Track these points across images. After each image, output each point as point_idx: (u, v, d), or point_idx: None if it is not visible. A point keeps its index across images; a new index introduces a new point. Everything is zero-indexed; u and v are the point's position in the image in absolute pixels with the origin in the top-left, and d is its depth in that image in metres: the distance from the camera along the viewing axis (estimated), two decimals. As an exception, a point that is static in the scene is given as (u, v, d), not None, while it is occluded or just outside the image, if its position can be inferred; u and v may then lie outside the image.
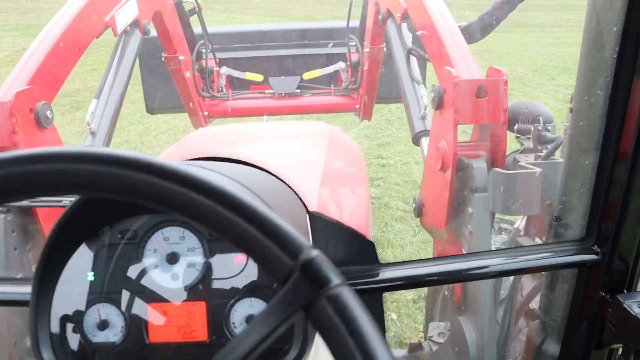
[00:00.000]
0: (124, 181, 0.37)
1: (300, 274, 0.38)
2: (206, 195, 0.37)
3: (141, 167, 0.37)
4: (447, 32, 1.45)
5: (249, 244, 0.38)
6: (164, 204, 0.38)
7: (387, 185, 4.84)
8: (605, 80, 0.92)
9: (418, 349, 2.03)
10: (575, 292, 1.10)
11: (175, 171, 0.37)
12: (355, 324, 0.36)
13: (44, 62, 1.51)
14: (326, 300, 0.37)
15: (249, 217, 0.37)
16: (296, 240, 0.38)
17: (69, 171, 0.36)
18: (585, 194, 1.04)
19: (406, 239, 3.92)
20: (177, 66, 2.82)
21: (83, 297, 0.76)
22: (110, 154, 0.37)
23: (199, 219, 0.38)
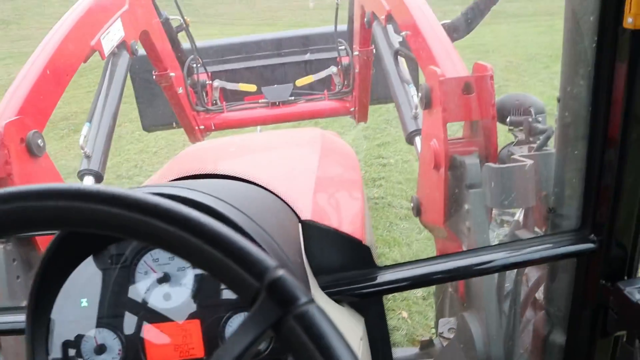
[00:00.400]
0: (89, 215, 0.37)
1: (267, 294, 0.38)
2: (170, 223, 0.37)
3: (104, 199, 0.37)
4: (430, 31, 1.46)
5: (215, 268, 0.38)
6: (131, 235, 0.38)
7: (390, 184, 4.83)
8: (587, 69, 0.92)
9: (429, 345, 2.03)
10: (576, 282, 1.10)
11: (137, 201, 0.37)
12: (325, 341, 0.36)
13: (32, 91, 1.51)
14: (294, 319, 0.37)
15: (213, 241, 0.38)
16: (261, 261, 0.38)
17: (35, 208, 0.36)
18: (578, 183, 1.04)
19: (412, 236, 3.91)
20: (168, 83, 2.83)
21: (78, 324, 0.76)
22: (73, 188, 0.37)
23: (166, 247, 0.38)
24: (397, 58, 1.88)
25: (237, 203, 0.74)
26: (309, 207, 1.02)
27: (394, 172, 5.10)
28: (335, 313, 0.92)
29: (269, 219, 0.77)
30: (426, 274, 1.01)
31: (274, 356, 0.75)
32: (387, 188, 4.75)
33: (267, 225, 0.74)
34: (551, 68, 8.38)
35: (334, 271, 0.97)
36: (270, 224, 0.75)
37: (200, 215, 0.38)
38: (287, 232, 0.81)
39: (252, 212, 0.74)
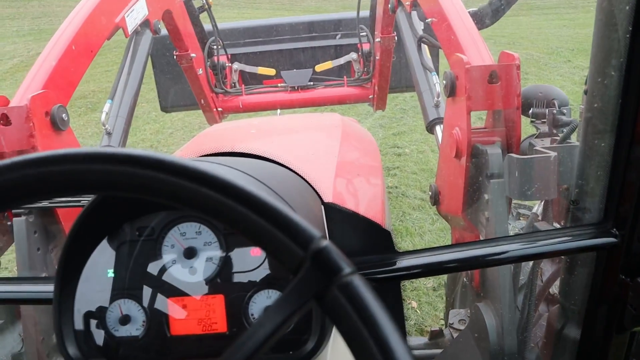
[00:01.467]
0: (136, 179, 0.37)
1: (311, 263, 0.38)
2: (216, 190, 0.38)
3: (152, 164, 0.38)
4: (457, 18, 1.44)
5: (260, 236, 0.38)
6: (175, 200, 0.39)
7: (404, 174, 4.82)
8: (619, 60, 0.90)
9: (439, 336, 2.04)
10: (594, 276, 1.09)
11: (185, 167, 0.38)
12: (367, 312, 0.36)
13: (57, 66, 1.53)
14: (338, 289, 0.37)
15: (259, 209, 0.38)
16: (306, 231, 0.39)
17: (83, 171, 0.37)
18: (603, 176, 1.03)
19: (424, 227, 3.91)
20: (189, 64, 2.84)
21: (105, 294, 0.78)
22: (122, 153, 0.38)
23: (210, 213, 0.39)
24: (420, 45, 1.87)
25: (265, 181, 0.74)
26: (330, 190, 1.02)
27: (409, 162, 5.08)
28: None
29: (295, 198, 0.78)
30: (444, 262, 1.00)
31: (296, 334, 0.75)
32: (401, 178, 4.74)
33: (294, 204, 0.74)
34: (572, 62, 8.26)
35: (354, 254, 0.97)
36: (297, 203, 0.76)
37: (245, 183, 0.39)
38: (312, 212, 0.82)
39: (281, 191, 0.74)
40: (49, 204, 1.24)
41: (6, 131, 1.35)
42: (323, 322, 0.73)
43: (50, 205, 1.34)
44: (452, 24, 1.43)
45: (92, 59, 1.72)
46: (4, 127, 1.35)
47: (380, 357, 0.34)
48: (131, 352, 0.77)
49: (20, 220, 1.38)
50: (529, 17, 11.33)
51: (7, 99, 1.42)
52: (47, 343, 1.43)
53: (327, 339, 0.74)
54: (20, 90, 1.47)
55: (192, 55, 2.81)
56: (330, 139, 1.40)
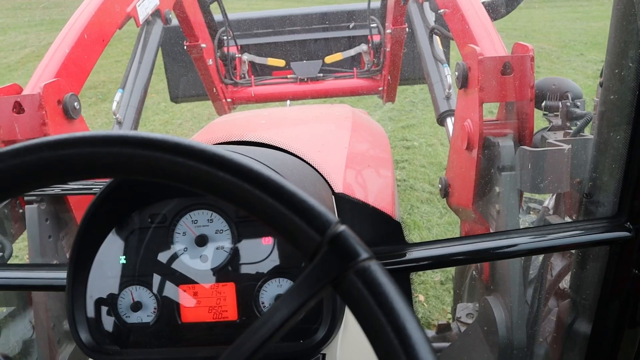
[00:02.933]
0: (152, 162, 0.37)
1: (329, 248, 0.38)
2: (233, 174, 0.38)
3: (169, 148, 0.37)
4: (471, 9, 1.42)
5: (277, 221, 0.38)
6: (191, 184, 0.39)
7: (413, 167, 4.80)
8: (637, 52, 0.89)
9: (446, 329, 2.03)
10: (606, 270, 1.08)
11: (202, 151, 0.38)
12: (385, 297, 0.36)
13: (69, 55, 1.53)
14: (355, 274, 0.37)
15: (276, 194, 0.38)
16: (323, 215, 0.39)
17: (100, 154, 0.37)
18: (617, 169, 1.02)
19: (433, 220, 3.89)
20: (199, 54, 2.84)
21: (116, 280, 0.78)
22: (138, 136, 0.38)
23: (227, 197, 0.39)
24: (432, 37, 1.85)
25: (276, 168, 0.74)
26: (340, 180, 1.02)
27: (418, 155, 5.06)
28: None
29: (307, 187, 0.77)
30: (454, 253, 1.00)
31: (307, 324, 0.75)
32: (410, 171, 4.72)
33: (307, 193, 0.74)
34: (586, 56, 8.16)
35: None
36: (309, 192, 0.76)
37: (263, 168, 0.38)
38: (323, 202, 0.82)
39: (294, 180, 0.74)
40: (61, 191, 1.25)
41: (19, 119, 1.36)
42: (334, 311, 0.73)
43: (62, 193, 1.35)
44: (465, 15, 1.42)
45: (104, 47, 1.73)
46: (17, 115, 1.35)
47: (397, 343, 0.34)
48: (142, 338, 0.78)
49: (32, 208, 1.39)
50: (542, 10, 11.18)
51: (21, 87, 1.43)
52: (58, 329, 1.45)
53: (338, 328, 0.74)
54: (33, 79, 1.48)
55: (203, 45, 2.81)
56: (341, 129, 1.39)
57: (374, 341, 0.36)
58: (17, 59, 9.65)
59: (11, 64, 9.39)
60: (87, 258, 0.76)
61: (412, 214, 3.99)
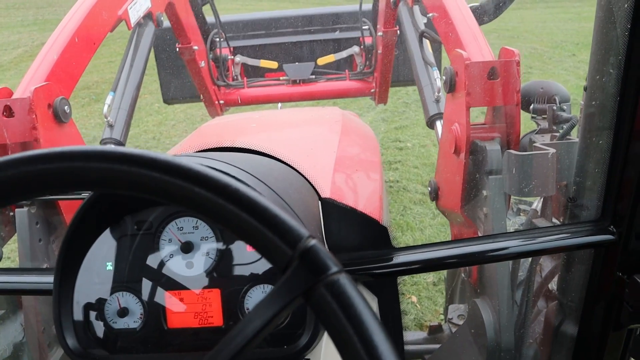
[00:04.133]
0: (130, 177, 0.38)
1: (299, 262, 0.39)
2: (208, 189, 0.39)
3: (146, 163, 0.38)
4: (458, 13, 1.44)
5: (250, 235, 0.39)
6: (168, 198, 0.39)
7: (406, 168, 4.82)
8: (618, 58, 0.90)
9: (438, 331, 2.04)
10: (592, 273, 1.10)
11: (178, 166, 0.38)
12: (353, 310, 0.37)
13: (60, 58, 1.54)
14: (324, 287, 0.38)
15: (249, 208, 0.39)
16: (295, 230, 0.39)
17: (79, 169, 0.38)
18: (600, 173, 1.03)
19: (425, 221, 3.91)
20: (191, 56, 2.84)
21: (103, 286, 0.79)
22: (117, 151, 0.39)
23: (202, 211, 0.39)
24: (422, 40, 1.86)
25: (262, 177, 0.75)
26: (328, 185, 1.02)
27: (411, 156, 5.08)
28: None
29: (291, 194, 0.78)
30: (441, 257, 1.01)
31: (290, 329, 0.76)
32: (402, 172, 4.74)
33: (290, 200, 0.75)
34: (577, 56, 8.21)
35: (351, 250, 0.98)
36: (293, 199, 0.76)
37: (236, 182, 0.39)
38: (308, 208, 0.82)
39: (277, 187, 0.75)
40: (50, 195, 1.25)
41: (9, 123, 1.36)
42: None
43: (52, 197, 1.35)
44: (452, 19, 1.43)
45: (95, 51, 1.73)
46: (7, 119, 1.35)
47: (365, 354, 0.35)
48: (129, 344, 0.79)
49: (22, 212, 1.39)
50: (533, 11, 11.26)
51: (11, 90, 1.43)
52: (48, 333, 1.45)
53: (321, 334, 0.75)
54: (23, 83, 1.48)
55: (195, 47, 2.81)
56: (330, 133, 1.40)
57: (342, 353, 0.37)
58: (10, 58, 9.62)
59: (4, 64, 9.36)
60: (74, 263, 0.76)
61: (404, 215, 4.01)
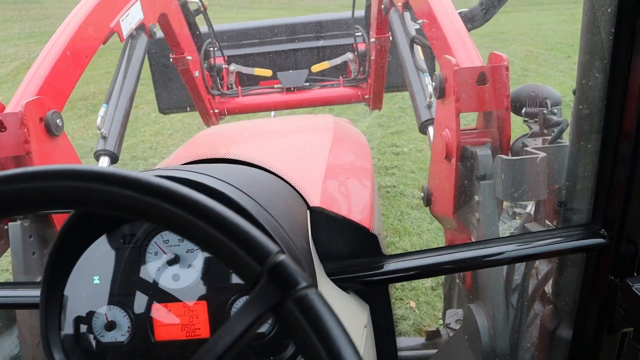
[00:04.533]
0: (103, 195, 0.38)
1: (268, 277, 0.39)
2: (178, 206, 0.39)
3: (117, 181, 0.38)
4: (447, 19, 1.44)
5: (220, 251, 0.39)
6: (139, 215, 0.39)
7: (402, 173, 4.82)
8: (604, 62, 0.91)
9: (436, 336, 2.04)
10: (584, 277, 1.09)
11: (148, 184, 0.39)
12: (321, 324, 0.37)
13: (52, 72, 1.54)
14: (293, 302, 0.38)
15: (218, 224, 0.39)
16: (264, 245, 0.40)
17: (53, 189, 0.38)
18: (590, 177, 1.03)
19: (423, 226, 3.91)
20: (185, 66, 2.84)
21: (90, 300, 0.78)
22: (89, 170, 0.39)
23: (173, 228, 0.40)
24: (413, 46, 1.87)
25: (245, 188, 0.75)
26: (318, 193, 1.02)
27: (407, 161, 5.08)
28: (341, 300, 0.93)
29: (277, 205, 0.78)
30: (433, 264, 1.01)
31: (277, 340, 0.76)
32: (399, 177, 4.74)
33: (275, 211, 0.75)
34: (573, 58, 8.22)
35: (341, 258, 0.98)
36: (278, 210, 0.77)
37: (206, 198, 0.40)
38: (294, 218, 0.82)
39: (260, 198, 0.75)
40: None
41: (1, 137, 1.36)
42: None
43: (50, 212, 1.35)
44: (441, 26, 1.43)
45: (87, 64, 1.73)
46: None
47: None
48: (117, 357, 0.78)
49: (15, 225, 1.39)
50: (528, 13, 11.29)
51: (3, 105, 1.43)
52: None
53: None
54: (15, 97, 1.48)
55: (189, 57, 2.82)
56: (322, 141, 1.40)
57: None
58: (7, 71, 9.64)
59: (1, 77, 9.38)
60: (61, 278, 0.76)
61: (402, 220, 4.00)
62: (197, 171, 0.76)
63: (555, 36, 9.70)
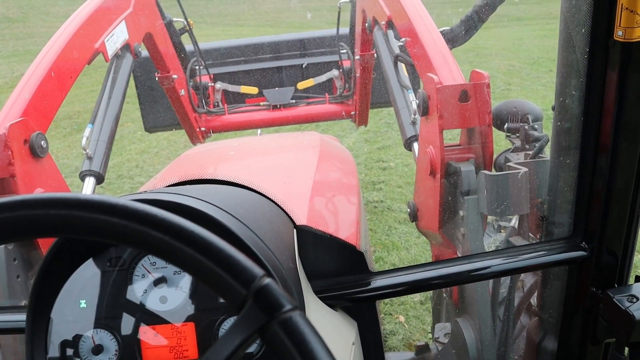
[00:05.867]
0: (88, 223, 0.39)
1: (253, 301, 0.40)
2: (163, 232, 0.39)
3: (103, 208, 0.39)
4: (429, 38, 1.47)
5: (205, 275, 0.40)
6: (126, 242, 0.40)
7: (390, 188, 4.84)
8: (580, 79, 0.93)
9: (425, 350, 2.04)
10: (567, 289, 1.11)
11: (135, 211, 0.39)
12: (306, 346, 0.38)
13: (36, 93, 1.54)
14: (278, 325, 0.39)
15: (203, 249, 0.40)
16: (249, 270, 0.40)
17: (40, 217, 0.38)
18: (571, 191, 1.05)
19: (411, 240, 3.92)
20: (170, 85, 2.85)
21: (77, 324, 0.78)
22: (75, 198, 0.39)
23: (159, 254, 0.40)
24: (397, 64, 1.90)
25: (231, 209, 0.75)
26: (305, 212, 1.03)
27: (394, 176, 5.11)
28: (328, 318, 0.93)
29: (262, 225, 0.79)
30: (419, 280, 1.02)
31: (265, 359, 0.76)
32: (386, 192, 4.76)
33: (261, 231, 0.75)
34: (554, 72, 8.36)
35: (328, 276, 0.98)
36: (264, 230, 0.77)
37: (191, 224, 0.40)
38: (281, 237, 0.83)
39: (246, 218, 0.76)
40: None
41: None
42: None
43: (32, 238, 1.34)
44: (424, 44, 1.46)
45: (72, 84, 1.73)
46: None
47: None
48: None
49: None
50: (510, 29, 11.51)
51: None
52: (27, 372, 1.42)
53: None
54: None
55: (174, 76, 2.83)
56: (308, 159, 1.42)
57: None
58: (-10, 91, 9.55)
59: (-17, 97, 9.29)
60: (47, 303, 0.76)
61: (390, 235, 4.01)
62: (182, 193, 0.76)
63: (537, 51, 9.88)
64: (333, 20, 3.38)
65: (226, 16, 15.28)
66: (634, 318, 0.92)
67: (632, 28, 0.80)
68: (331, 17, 3.65)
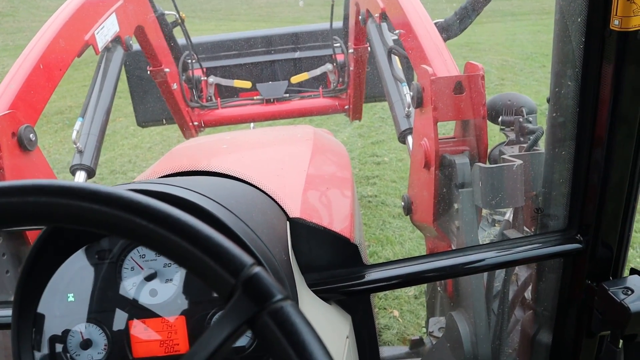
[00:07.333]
0: (72, 210, 0.37)
1: (242, 290, 0.39)
2: (150, 220, 0.38)
3: (87, 196, 0.37)
4: (423, 30, 1.46)
5: (193, 265, 0.39)
6: (112, 231, 0.39)
7: (384, 182, 4.84)
8: (575, 70, 0.92)
9: (419, 344, 2.04)
10: (562, 282, 1.11)
11: (119, 198, 0.38)
12: (297, 337, 0.36)
13: (24, 85, 1.51)
14: (268, 315, 0.38)
15: (190, 238, 0.38)
16: (238, 258, 0.39)
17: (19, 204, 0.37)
18: (566, 183, 1.05)
19: (405, 235, 3.92)
20: (163, 79, 2.82)
21: (65, 319, 0.76)
22: (57, 185, 0.38)
23: (146, 242, 0.39)
24: (390, 56, 1.89)
25: (223, 201, 0.74)
26: (298, 204, 1.02)
27: (388, 171, 5.10)
28: (322, 311, 0.92)
29: (255, 217, 0.77)
30: (414, 273, 1.01)
31: (257, 353, 0.75)
32: (380, 186, 4.75)
33: (253, 223, 0.74)
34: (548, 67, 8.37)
35: (322, 269, 0.97)
36: (257, 222, 0.76)
37: (179, 212, 0.39)
38: (274, 229, 0.82)
39: (239, 210, 0.74)
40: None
41: None
42: None
43: (19, 228, 1.32)
44: (418, 36, 1.45)
45: (61, 77, 1.71)
46: None
47: None
48: None
49: None
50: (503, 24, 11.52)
51: None
52: (17, 368, 1.40)
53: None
54: None
55: (166, 70, 2.80)
56: (301, 152, 1.40)
57: None
58: (-20, 86, 9.45)
59: (-26, 92, 9.19)
60: (33, 297, 0.74)
61: (384, 230, 4.01)
62: (171, 184, 0.75)
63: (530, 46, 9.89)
64: (326, 14, 3.36)
65: (219, 11, 15.20)
66: (629, 310, 0.92)
67: (628, 17, 0.79)
68: (325, 12, 3.63)
